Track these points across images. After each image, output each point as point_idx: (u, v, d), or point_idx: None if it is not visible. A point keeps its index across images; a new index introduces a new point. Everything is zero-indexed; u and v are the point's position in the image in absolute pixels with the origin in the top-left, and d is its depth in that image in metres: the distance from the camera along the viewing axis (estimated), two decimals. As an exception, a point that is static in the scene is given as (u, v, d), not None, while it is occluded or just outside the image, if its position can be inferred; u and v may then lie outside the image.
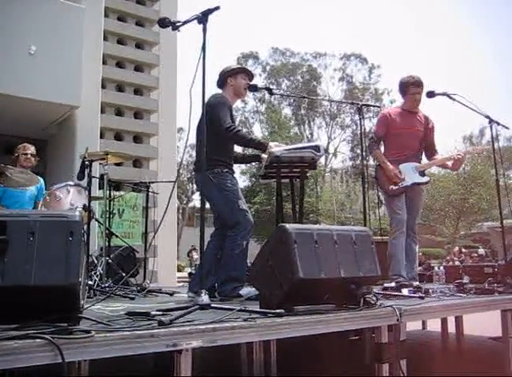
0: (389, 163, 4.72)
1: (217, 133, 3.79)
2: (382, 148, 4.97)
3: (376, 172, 4.90)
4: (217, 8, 2.84)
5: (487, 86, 69.27)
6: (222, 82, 4.26)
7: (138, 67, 9.43)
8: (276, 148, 4.04)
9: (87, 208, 4.46)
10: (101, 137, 8.24)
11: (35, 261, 2.00)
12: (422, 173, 4.81)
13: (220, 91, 4.28)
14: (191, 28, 2.94)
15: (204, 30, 2.85)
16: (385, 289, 4.07)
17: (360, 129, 4.65)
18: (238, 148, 4.38)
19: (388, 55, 67.16)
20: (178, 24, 2.97)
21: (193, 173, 4.61)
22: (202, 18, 2.84)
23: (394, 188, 4.70)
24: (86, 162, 4.57)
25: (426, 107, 4.94)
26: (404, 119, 4.84)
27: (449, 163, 5.00)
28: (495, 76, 71.35)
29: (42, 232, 2.06)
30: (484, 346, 5.31)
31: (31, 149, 5.33)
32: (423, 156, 5.02)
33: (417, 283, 4.56)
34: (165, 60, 9.53)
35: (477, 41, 71.97)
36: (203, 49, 2.81)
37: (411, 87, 4.78)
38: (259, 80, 37.98)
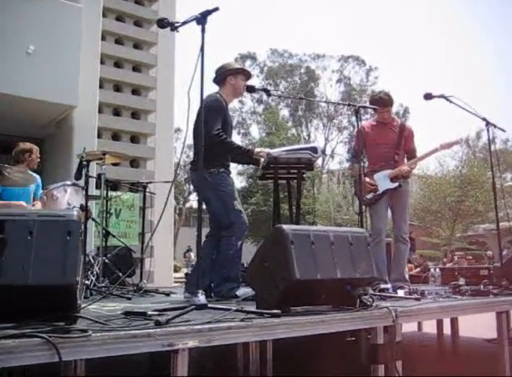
0: (363, 176, 4.76)
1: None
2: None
3: (355, 186, 5.17)
4: (216, 9, 2.84)
5: (487, 86, 69.38)
6: (221, 79, 4.22)
7: (136, 68, 9.44)
8: (274, 149, 4.08)
9: (84, 208, 4.45)
10: (99, 136, 8.24)
11: (33, 260, 2.01)
12: (394, 180, 4.91)
13: (216, 88, 4.24)
14: (189, 28, 2.95)
15: (203, 31, 2.85)
16: (382, 290, 4.08)
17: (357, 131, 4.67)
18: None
19: (386, 57, 67.13)
20: (177, 25, 2.97)
21: (189, 172, 4.60)
22: (201, 19, 2.85)
23: (368, 197, 4.87)
24: (84, 162, 4.57)
25: (423, 108, 5.01)
26: (377, 131, 5.05)
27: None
28: (495, 76, 71.38)
29: (40, 232, 2.07)
30: (480, 348, 5.33)
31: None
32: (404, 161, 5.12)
33: (406, 284, 4.68)
34: (163, 60, 9.54)
35: (476, 41, 72.06)
36: (202, 50, 2.81)
37: (378, 107, 4.89)
38: (257, 81, 37.98)
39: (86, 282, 4.12)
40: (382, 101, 4.92)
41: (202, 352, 2.73)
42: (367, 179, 4.88)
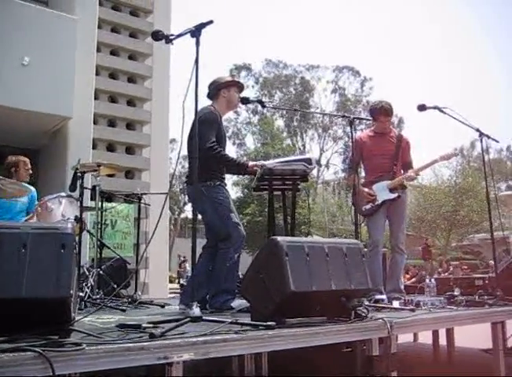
0: (360, 186, 4.82)
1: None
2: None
3: (352, 196, 5.03)
4: (210, 22, 2.86)
5: (487, 88, 69.62)
6: (215, 93, 4.22)
7: (131, 79, 9.46)
8: (268, 161, 4.08)
9: (79, 219, 4.44)
10: (94, 147, 8.24)
11: (27, 273, 2.00)
12: (393, 190, 4.89)
13: (210, 102, 4.24)
14: (184, 39, 2.96)
15: (197, 44, 2.86)
16: (377, 301, 4.08)
17: (352, 142, 4.68)
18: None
19: (380, 66, 67.47)
20: (172, 38, 2.98)
21: (185, 185, 4.59)
22: (196, 32, 2.86)
23: (367, 207, 4.87)
24: (78, 174, 4.56)
25: (418, 118, 5.01)
26: (375, 141, 5.02)
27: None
28: (495, 78, 71.64)
29: (34, 244, 2.06)
30: (475, 358, 5.32)
31: (29, 163, 5.29)
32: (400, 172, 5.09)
33: (402, 295, 4.67)
34: (158, 71, 9.57)
35: (477, 42, 72.38)
36: (196, 62, 2.83)
37: (380, 116, 4.94)
38: (252, 92, 38.14)
39: (81, 294, 4.10)
40: (384, 111, 4.93)
41: (197, 364, 2.72)
42: (366, 189, 4.88)
